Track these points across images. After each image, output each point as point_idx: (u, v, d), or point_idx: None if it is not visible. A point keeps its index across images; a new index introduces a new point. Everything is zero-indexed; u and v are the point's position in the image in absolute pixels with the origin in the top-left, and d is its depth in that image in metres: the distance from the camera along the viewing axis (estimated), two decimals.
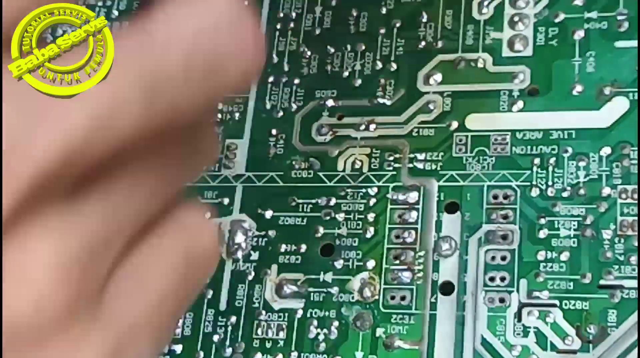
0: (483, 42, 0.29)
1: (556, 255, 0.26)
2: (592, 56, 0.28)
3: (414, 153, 0.28)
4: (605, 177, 0.26)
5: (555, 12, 0.28)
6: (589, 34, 0.28)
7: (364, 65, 0.30)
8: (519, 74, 0.28)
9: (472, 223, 0.27)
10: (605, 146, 0.27)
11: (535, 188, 0.27)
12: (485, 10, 0.29)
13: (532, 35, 0.28)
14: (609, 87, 0.27)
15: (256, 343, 0.27)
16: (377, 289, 0.27)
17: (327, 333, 0.27)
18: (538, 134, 0.27)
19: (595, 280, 0.25)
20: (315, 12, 0.31)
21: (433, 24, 0.30)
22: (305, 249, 0.28)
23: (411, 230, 0.27)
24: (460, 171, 0.28)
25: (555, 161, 0.27)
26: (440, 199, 0.27)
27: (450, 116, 0.28)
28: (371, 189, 0.28)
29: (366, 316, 0.27)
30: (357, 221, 0.28)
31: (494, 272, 0.26)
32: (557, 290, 0.26)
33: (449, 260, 0.27)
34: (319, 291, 0.27)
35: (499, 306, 0.26)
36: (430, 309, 0.26)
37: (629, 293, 0.25)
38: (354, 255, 0.28)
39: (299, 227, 0.28)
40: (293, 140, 0.29)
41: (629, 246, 0.25)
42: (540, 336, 0.25)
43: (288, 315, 0.27)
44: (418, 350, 0.26)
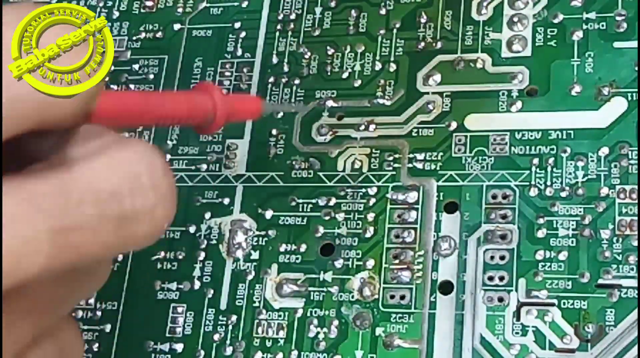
0: (482, 43, 0.29)
1: (555, 255, 0.26)
2: (591, 57, 0.28)
3: (413, 153, 0.28)
4: (603, 177, 0.26)
5: (554, 12, 0.29)
6: (588, 34, 0.28)
7: (363, 65, 0.30)
8: (517, 75, 0.28)
9: (471, 222, 0.27)
10: (604, 146, 0.27)
11: (534, 187, 0.27)
12: (484, 11, 0.29)
13: (531, 36, 0.29)
14: (607, 88, 0.27)
15: (256, 342, 0.27)
16: (376, 288, 0.27)
17: (327, 332, 0.27)
18: (537, 134, 0.27)
19: (593, 279, 0.25)
20: (315, 12, 0.31)
21: (432, 24, 0.30)
22: (305, 249, 0.28)
23: (410, 229, 0.27)
24: (459, 171, 0.28)
25: (553, 161, 0.27)
26: (439, 199, 0.28)
27: (450, 116, 0.28)
28: (371, 189, 0.28)
29: (366, 315, 0.27)
30: (356, 221, 0.28)
31: (493, 271, 0.26)
32: (555, 289, 0.26)
33: (448, 260, 0.27)
34: (319, 290, 0.28)
35: (497, 305, 0.26)
36: (430, 308, 0.26)
37: (627, 293, 0.25)
38: (353, 254, 0.28)
39: (299, 227, 0.28)
40: (293, 140, 0.29)
41: (627, 246, 0.26)
42: (538, 335, 0.25)
43: (288, 314, 0.28)
44: (417, 349, 0.26)
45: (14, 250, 0.16)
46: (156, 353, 0.28)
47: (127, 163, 0.18)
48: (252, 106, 0.26)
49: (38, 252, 0.16)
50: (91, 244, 0.17)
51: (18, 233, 0.16)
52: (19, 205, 0.16)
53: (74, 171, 0.17)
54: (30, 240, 0.16)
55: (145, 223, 0.18)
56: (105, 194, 0.17)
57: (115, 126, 0.19)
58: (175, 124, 0.24)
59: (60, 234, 0.16)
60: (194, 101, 0.23)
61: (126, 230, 0.17)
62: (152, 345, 0.28)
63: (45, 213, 0.16)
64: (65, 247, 0.16)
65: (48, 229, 0.16)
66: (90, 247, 0.17)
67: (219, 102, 0.23)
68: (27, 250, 0.16)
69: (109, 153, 0.17)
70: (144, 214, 0.18)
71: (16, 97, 0.16)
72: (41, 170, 0.17)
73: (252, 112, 0.26)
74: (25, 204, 0.16)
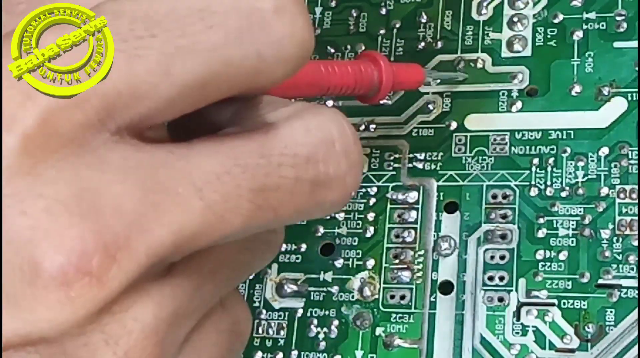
0: (482, 43, 0.29)
1: (555, 255, 0.26)
2: (591, 57, 0.28)
3: (413, 152, 0.28)
4: (603, 177, 0.26)
5: (554, 12, 0.29)
6: (588, 34, 0.28)
7: None
8: (517, 75, 0.28)
9: (471, 222, 0.27)
10: (604, 146, 0.27)
11: (534, 187, 0.27)
12: (485, 11, 0.29)
13: (531, 35, 0.29)
14: (607, 88, 0.27)
15: (257, 342, 0.27)
16: (376, 288, 0.27)
17: (327, 332, 0.27)
18: (537, 134, 0.27)
19: (593, 279, 0.25)
20: (315, 12, 0.31)
21: (432, 24, 0.30)
22: (306, 248, 0.28)
23: (411, 229, 0.27)
24: (459, 171, 0.28)
25: (554, 161, 0.27)
26: (439, 199, 0.28)
27: (450, 116, 0.28)
28: (371, 189, 0.28)
29: (366, 315, 0.27)
30: (357, 221, 0.28)
31: (493, 271, 0.26)
32: (555, 289, 0.26)
33: (448, 260, 0.27)
34: (319, 290, 0.28)
35: (497, 305, 0.26)
36: (430, 308, 0.26)
37: (627, 293, 0.25)
38: (353, 254, 0.28)
39: (299, 226, 0.28)
40: None
41: (627, 246, 0.26)
42: (538, 335, 0.25)
43: (288, 314, 0.28)
44: (417, 349, 0.26)
45: (218, 206, 0.16)
46: None
47: (322, 128, 0.18)
48: (416, 75, 0.25)
49: (239, 210, 0.16)
50: (287, 207, 0.17)
51: (222, 190, 0.16)
52: (224, 164, 0.16)
53: (272, 134, 0.17)
54: (233, 197, 0.16)
55: (335, 190, 0.18)
56: (303, 159, 0.17)
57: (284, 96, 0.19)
58: (341, 94, 0.24)
59: (260, 194, 0.17)
60: (360, 70, 0.22)
61: (318, 196, 0.18)
62: None
63: (248, 173, 0.16)
64: (263, 207, 0.17)
65: (250, 188, 0.16)
66: (286, 210, 0.17)
67: (386, 71, 0.23)
68: (229, 207, 0.16)
69: (305, 117, 0.18)
70: (335, 181, 0.18)
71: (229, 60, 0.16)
72: (238, 133, 0.17)
73: (415, 82, 0.26)
74: (229, 163, 0.16)
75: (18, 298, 0.15)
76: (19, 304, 0.15)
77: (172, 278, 0.17)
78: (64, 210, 0.15)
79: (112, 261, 0.15)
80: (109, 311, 0.16)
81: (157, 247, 0.16)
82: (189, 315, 0.18)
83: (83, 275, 0.15)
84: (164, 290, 0.17)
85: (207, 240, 0.16)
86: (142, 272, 0.16)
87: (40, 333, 0.15)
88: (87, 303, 0.15)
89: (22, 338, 0.15)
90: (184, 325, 0.17)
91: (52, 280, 0.15)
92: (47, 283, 0.15)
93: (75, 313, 0.15)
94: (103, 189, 0.15)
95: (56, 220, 0.15)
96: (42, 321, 0.15)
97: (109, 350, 0.16)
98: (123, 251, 0.15)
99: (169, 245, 0.16)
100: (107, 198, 0.15)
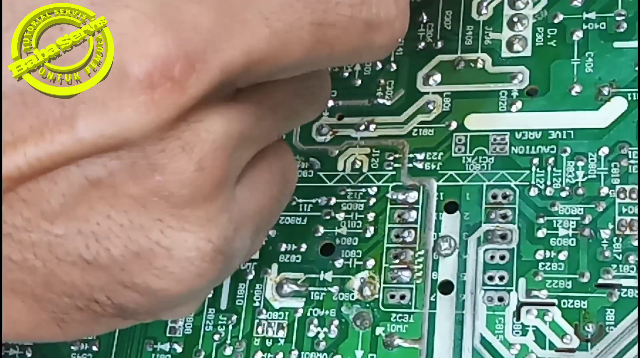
0: (482, 43, 0.29)
1: (555, 254, 0.26)
2: (591, 57, 0.28)
3: (413, 152, 0.28)
4: (603, 177, 0.26)
5: (554, 12, 0.29)
6: (588, 34, 0.28)
7: (363, 65, 0.30)
8: (517, 75, 0.28)
9: (471, 222, 0.27)
10: (604, 146, 0.27)
11: (534, 187, 0.27)
12: (485, 11, 0.29)
13: (531, 36, 0.29)
14: (607, 88, 0.27)
15: (257, 342, 0.27)
16: (376, 288, 0.27)
17: (327, 332, 0.27)
18: (537, 134, 0.27)
19: (593, 279, 0.25)
20: None
21: (432, 24, 0.30)
22: (306, 248, 0.28)
23: (411, 229, 0.27)
24: (459, 171, 0.28)
25: (554, 161, 0.27)
26: (439, 199, 0.28)
27: (450, 116, 0.28)
28: (371, 189, 0.28)
29: (366, 315, 0.27)
30: (357, 221, 0.28)
31: (493, 271, 0.26)
32: (555, 289, 0.26)
33: (448, 259, 0.27)
34: (319, 290, 0.28)
35: (497, 305, 0.26)
36: (430, 308, 0.26)
37: (627, 292, 0.25)
38: (353, 254, 0.28)
39: (299, 226, 0.28)
40: (293, 140, 0.29)
41: (627, 246, 0.26)
42: (538, 335, 0.25)
43: (288, 314, 0.28)
44: (417, 349, 0.26)
45: (282, 34, 0.17)
46: (156, 353, 0.28)
47: None
48: None
49: (300, 40, 0.18)
50: (342, 43, 0.19)
51: (285, 20, 0.18)
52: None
53: None
54: (295, 28, 0.18)
55: (385, 33, 0.19)
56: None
57: None
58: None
59: (320, 28, 0.18)
60: None
61: (370, 36, 0.19)
62: (152, 345, 0.28)
63: (309, 7, 0.18)
64: (322, 42, 0.18)
65: (310, 21, 0.18)
66: (341, 46, 0.19)
67: None
68: (291, 37, 0.18)
69: None
70: (385, 24, 0.19)
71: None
72: None
73: None
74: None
75: (107, 99, 0.16)
76: (107, 105, 0.16)
77: (238, 103, 0.18)
78: (149, 20, 0.16)
79: (192, 70, 0.16)
80: (185, 119, 0.17)
81: (230, 64, 0.17)
82: (252, 142, 0.19)
83: (166, 80, 0.16)
84: (232, 112, 0.18)
85: (272, 66, 0.18)
86: (215, 87, 0.17)
87: (126, 134, 0.16)
88: (169, 107, 0.16)
89: (107, 140, 0.16)
90: (247, 149, 0.19)
91: (138, 83, 0.16)
92: (134, 85, 0.16)
93: (159, 115, 0.16)
94: (183, 7, 0.16)
95: (142, 29, 0.16)
96: (129, 121, 0.16)
97: (185, 155, 0.17)
98: (201, 63, 0.16)
99: (239, 65, 0.17)
100: (187, 14, 0.16)
